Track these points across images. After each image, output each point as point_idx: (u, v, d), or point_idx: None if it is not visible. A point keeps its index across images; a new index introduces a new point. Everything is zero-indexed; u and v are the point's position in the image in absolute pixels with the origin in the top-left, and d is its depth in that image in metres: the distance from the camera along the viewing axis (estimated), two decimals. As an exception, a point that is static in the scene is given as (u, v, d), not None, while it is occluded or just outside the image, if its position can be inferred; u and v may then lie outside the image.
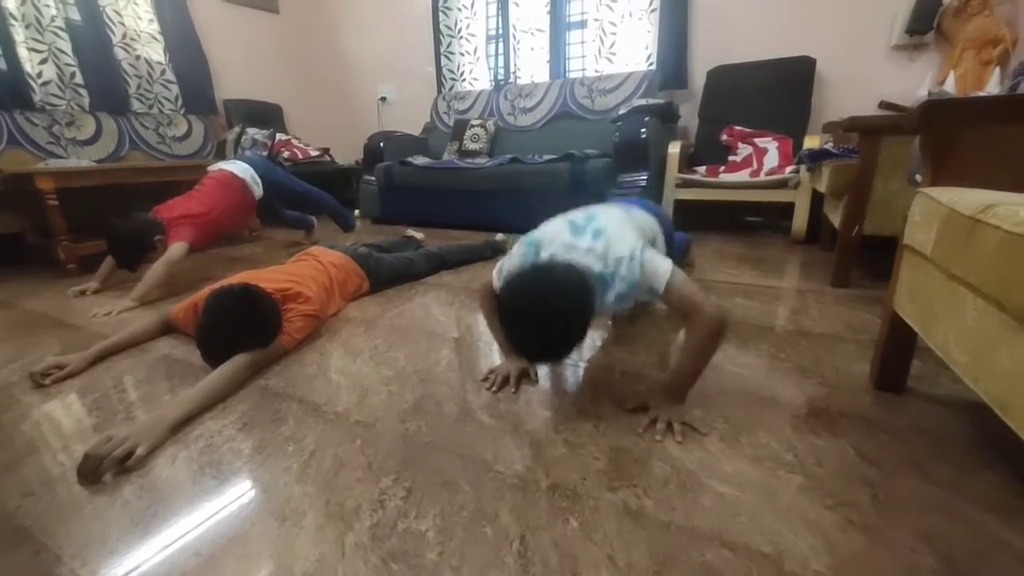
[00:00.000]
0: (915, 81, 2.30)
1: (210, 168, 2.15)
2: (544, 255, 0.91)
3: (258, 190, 2.16)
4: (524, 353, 0.91)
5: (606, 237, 0.90)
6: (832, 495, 0.69)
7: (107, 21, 3.01)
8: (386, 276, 1.75)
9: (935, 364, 1.02)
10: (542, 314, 0.77)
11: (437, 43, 3.66)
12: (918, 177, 1.21)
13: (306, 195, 2.46)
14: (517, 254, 0.97)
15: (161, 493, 0.75)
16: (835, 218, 1.72)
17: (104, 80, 3.01)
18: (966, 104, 1.04)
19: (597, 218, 0.96)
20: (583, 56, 3.27)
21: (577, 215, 0.99)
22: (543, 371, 1.11)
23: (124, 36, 3.09)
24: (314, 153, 3.69)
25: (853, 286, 1.59)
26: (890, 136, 1.43)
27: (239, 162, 2.17)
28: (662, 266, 0.88)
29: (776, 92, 2.56)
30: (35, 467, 0.83)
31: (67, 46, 2.84)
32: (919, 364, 0.97)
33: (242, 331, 1.10)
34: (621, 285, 0.87)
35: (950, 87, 1.90)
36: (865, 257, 1.64)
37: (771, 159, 2.46)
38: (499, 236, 2.28)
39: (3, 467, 0.83)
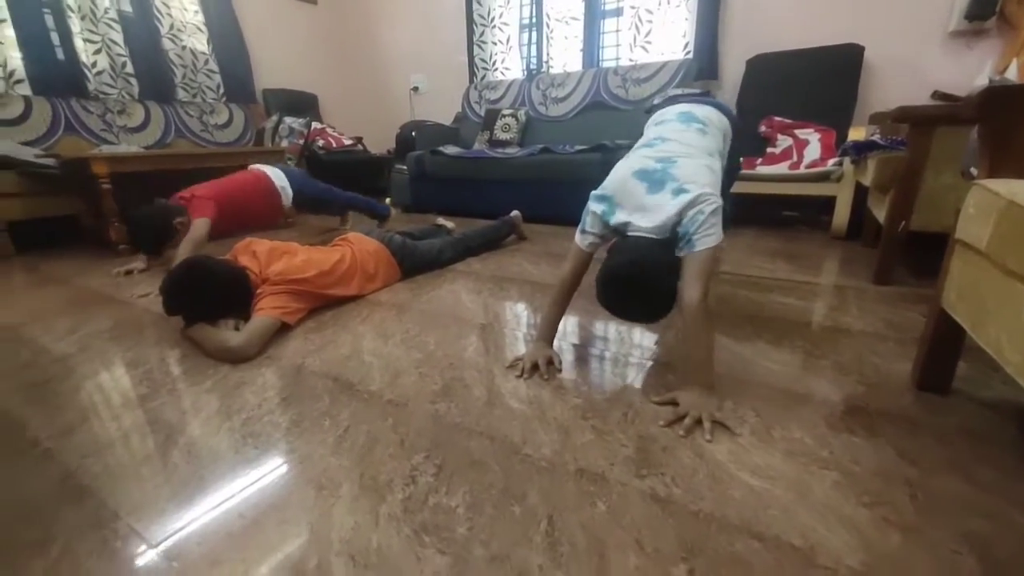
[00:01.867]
0: (972, 71, 2.17)
1: (249, 166, 2.23)
2: (621, 217, 0.97)
3: (287, 199, 2.21)
4: (628, 319, 1.02)
5: (686, 195, 0.90)
6: (869, 493, 0.67)
7: (156, 13, 3.14)
8: (417, 264, 1.78)
9: (984, 365, 0.98)
10: (643, 292, 0.90)
11: (470, 32, 3.66)
12: (973, 170, 1.15)
13: (337, 200, 2.52)
14: (591, 211, 1.01)
15: (206, 460, 0.79)
16: (880, 213, 1.65)
17: (152, 70, 3.14)
18: (1031, 92, 0.98)
19: (676, 166, 0.96)
20: (617, 45, 3.21)
21: (652, 159, 0.99)
22: (570, 359, 1.12)
23: (171, 27, 3.22)
24: (348, 142, 3.77)
25: (897, 283, 1.53)
26: (943, 127, 1.36)
27: (276, 168, 2.23)
28: (714, 236, 0.89)
29: (820, 82, 2.46)
30: (90, 432, 0.89)
31: (119, 37, 2.98)
32: (965, 365, 0.93)
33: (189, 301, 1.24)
34: (686, 228, 0.90)
35: (1013, 75, 1.79)
36: (910, 254, 1.58)
37: (812, 151, 2.37)
38: (514, 212, 2.29)
39: (62, 431, 0.89)
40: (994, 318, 0.69)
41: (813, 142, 2.40)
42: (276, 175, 2.19)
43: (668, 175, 0.95)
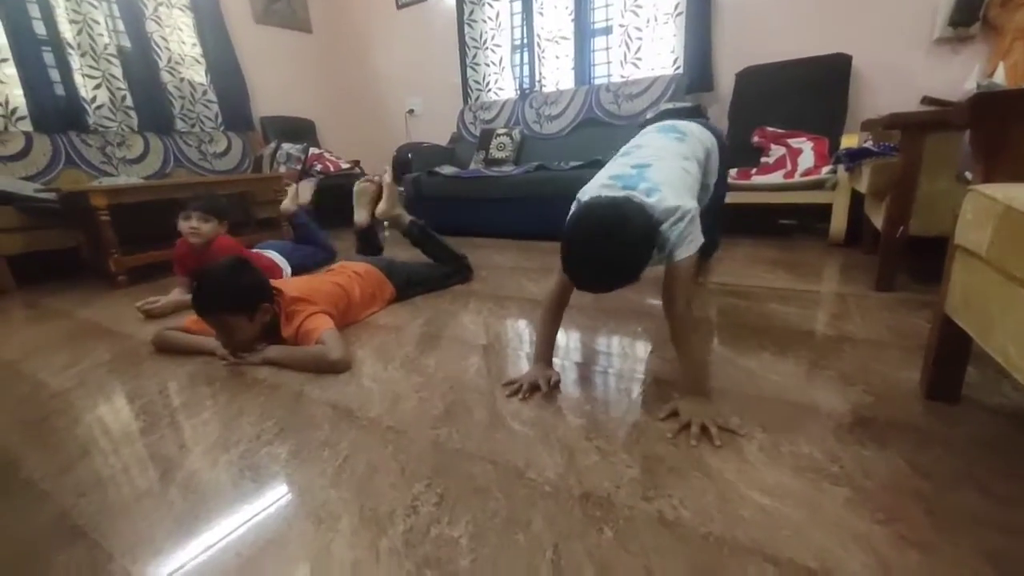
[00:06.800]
0: (959, 75, 2.19)
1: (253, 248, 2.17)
2: None
3: (287, 268, 2.14)
4: (578, 276, 0.89)
5: (659, 195, 0.90)
6: (882, 509, 0.65)
7: (154, 47, 3.20)
8: (411, 278, 1.78)
9: (994, 371, 0.96)
10: (607, 235, 0.81)
11: (463, 55, 3.72)
12: (968, 174, 1.16)
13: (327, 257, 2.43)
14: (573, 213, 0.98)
15: (203, 495, 0.77)
16: (877, 219, 1.65)
17: (151, 102, 3.19)
18: (1021, 96, 0.98)
19: (650, 169, 0.97)
20: (608, 62, 3.26)
21: (628, 165, 1.00)
22: (573, 378, 1.10)
23: (169, 60, 3.28)
24: (345, 165, 3.80)
25: (899, 289, 1.52)
26: (935, 132, 1.36)
27: (269, 250, 2.16)
28: (693, 244, 0.90)
29: (810, 91, 2.49)
30: (87, 469, 0.87)
31: (119, 71, 3.03)
32: (974, 372, 0.91)
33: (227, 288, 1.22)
34: (662, 239, 0.89)
35: (1000, 79, 1.80)
36: (911, 259, 1.57)
37: (806, 159, 2.38)
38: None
39: (60, 469, 0.87)
40: (1000, 324, 0.67)
41: (806, 151, 2.41)
42: (273, 255, 2.12)
43: (642, 178, 0.95)
